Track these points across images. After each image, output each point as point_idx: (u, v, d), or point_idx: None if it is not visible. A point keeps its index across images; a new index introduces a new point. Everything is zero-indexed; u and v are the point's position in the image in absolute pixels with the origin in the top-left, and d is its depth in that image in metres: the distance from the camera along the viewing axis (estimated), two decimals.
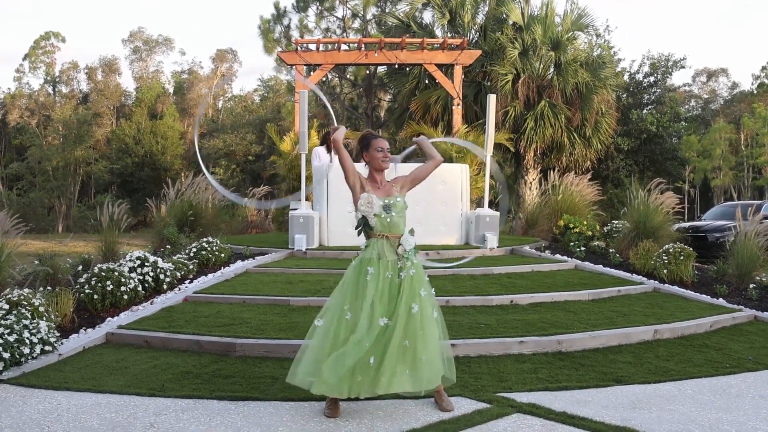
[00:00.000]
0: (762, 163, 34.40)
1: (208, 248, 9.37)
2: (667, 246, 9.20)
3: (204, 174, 3.95)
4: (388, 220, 4.44)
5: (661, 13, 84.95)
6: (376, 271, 4.36)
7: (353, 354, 4.17)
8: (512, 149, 18.88)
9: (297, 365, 4.38)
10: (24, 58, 47.62)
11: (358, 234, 4.58)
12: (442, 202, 10.88)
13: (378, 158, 4.62)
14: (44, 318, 6.09)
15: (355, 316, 4.28)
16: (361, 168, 4.71)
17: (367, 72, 27.54)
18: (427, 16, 22.97)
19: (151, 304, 7.32)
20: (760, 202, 16.25)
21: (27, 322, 5.59)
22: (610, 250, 10.49)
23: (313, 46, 16.83)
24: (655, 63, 32.00)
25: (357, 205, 4.51)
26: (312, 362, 4.30)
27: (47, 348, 5.58)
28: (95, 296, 7.02)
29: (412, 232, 4.55)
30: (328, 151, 12.55)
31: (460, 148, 14.35)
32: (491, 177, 11.38)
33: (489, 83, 20.62)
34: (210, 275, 8.68)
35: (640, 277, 9.01)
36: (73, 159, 40.58)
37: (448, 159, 14.10)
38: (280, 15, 28.12)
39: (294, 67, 16.36)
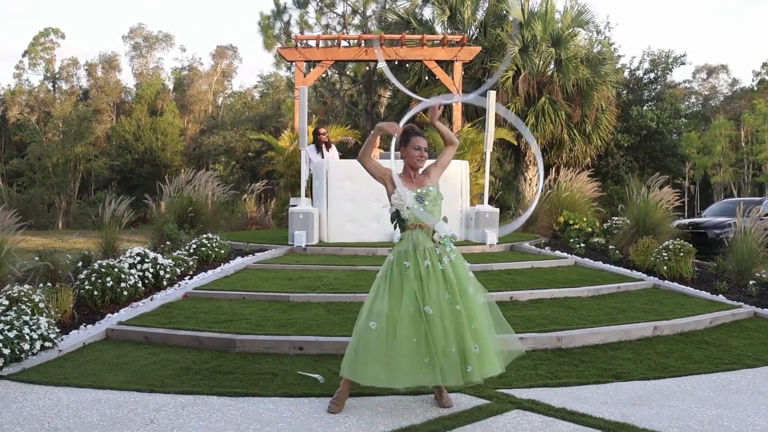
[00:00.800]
0: (762, 159, 34.40)
1: (208, 244, 9.37)
2: (666, 242, 9.20)
3: None
4: (422, 209, 4.43)
5: (662, 10, 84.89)
6: (413, 263, 4.37)
7: (413, 351, 4.22)
8: (514, 141, 18.86)
9: (361, 364, 4.33)
10: (23, 55, 47.60)
11: (395, 228, 4.59)
12: (442, 198, 10.85)
13: (414, 156, 4.59)
14: (44, 314, 6.09)
15: (403, 311, 4.29)
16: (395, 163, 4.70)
17: (367, 68, 27.50)
18: (427, 13, 22.93)
19: (151, 300, 7.32)
20: (760, 198, 16.25)
21: (27, 318, 5.60)
22: (610, 247, 10.49)
23: (313, 43, 16.81)
24: (655, 59, 31.99)
25: (390, 199, 4.53)
26: (383, 365, 4.27)
27: (47, 344, 5.59)
28: (95, 292, 7.02)
29: (445, 219, 4.55)
30: (318, 150, 12.58)
31: (463, 146, 14.33)
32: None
33: (489, 80, 20.60)
34: (210, 271, 8.67)
35: (640, 273, 9.01)
36: (73, 155, 40.56)
37: None
38: (279, 11, 28.05)
39: (294, 63, 16.35)
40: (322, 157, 12.17)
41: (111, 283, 7.09)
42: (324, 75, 28.05)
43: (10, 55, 74.11)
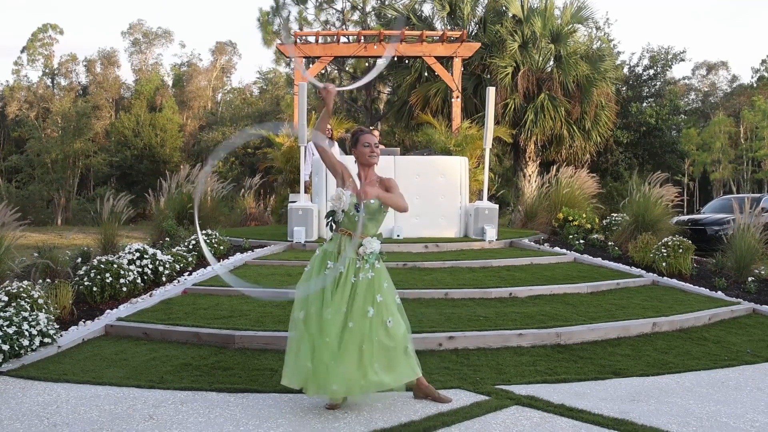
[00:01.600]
0: (761, 156, 34.38)
1: (207, 240, 9.36)
2: (666, 239, 9.20)
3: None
4: (356, 218, 4.32)
5: (661, 6, 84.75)
6: (333, 266, 4.32)
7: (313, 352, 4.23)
8: (509, 140, 18.86)
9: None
10: (22, 51, 47.50)
11: (326, 225, 4.52)
12: (442, 194, 10.87)
13: (365, 153, 4.51)
14: (43, 310, 6.09)
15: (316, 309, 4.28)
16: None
17: (367, 65, 27.47)
18: (427, 9, 23.00)
19: (150, 296, 7.32)
20: (759, 195, 16.25)
21: (26, 314, 5.60)
22: (609, 243, 10.49)
23: (312, 39, 16.79)
24: (654, 56, 31.97)
25: (330, 201, 4.48)
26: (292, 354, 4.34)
27: (46, 340, 5.59)
28: (94, 288, 7.02)
29: (380, 237, 4.48)
30: None
31: (458, 141, 14.34)
32: None
33: (488, 76, 20.59)
34: (209, 267, 8.68)
35: (639, 270, 9.02)
36: (72, 152, 40.50)
37: (446, 152, 14.09)
38: (279, 7, 28.02)
39: (293, 58, 16.32)
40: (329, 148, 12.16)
41: (110, 279, 7.09)
42: (323, 71, 28.02)
43: (9, 50, 74.04)
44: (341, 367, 4.13)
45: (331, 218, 4.46)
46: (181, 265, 8.51)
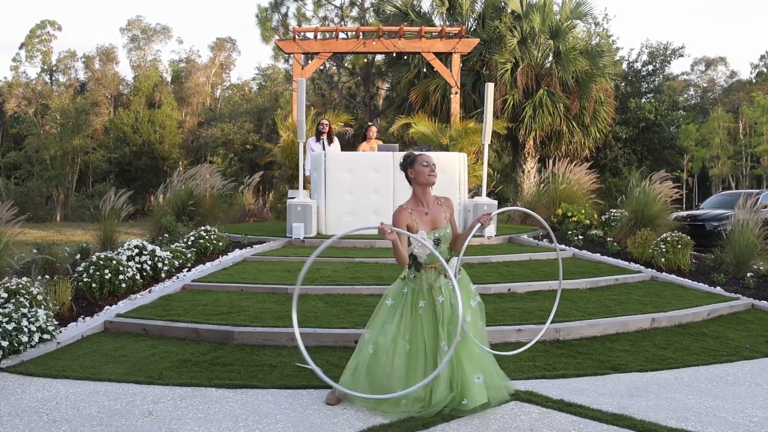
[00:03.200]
0: (760, 152, 34.40)
1: (206, 237, 9.36)
2: (665, 235, 9.20)
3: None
4: (437, 251, 4.21)
5: (660, 2, 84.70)
6: (428, 303, 4.30)
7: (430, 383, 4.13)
8: (504, 132, 18.85)
9: (357, 381, 4.32)
10: (20, 47, 47.54)
11: (409, 273, 4.43)
12: (440, 190, 10.73)
13: (425, 173, 4.49)
14: (42, 306, 6.09)
15: (414, 346, 4.24)
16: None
17: (365, 60, 27.45)
18: (426, 4, 22.99)
19: (150, 292, 7.32)
20: (758, 191, 16.25)
21: (25, 310, 5.59)
22: (608, 239, 10.50)
23: (311, 35, 16.76)
24: (653, 51, 31.97)
25: (410, 247, 4.35)
26: (369, 385, 4.27)
27: (45, 336, 5.59)
28: (93, 285, 7.01)
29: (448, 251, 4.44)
30: (318, 139, 12.58)
31: (455, 137, 14.33)
32: None
33: (488, 72, 20.58)
34: (208, 264, 8.68)
35: (638, 265, 9.02)
36: (71, 148, 40.51)
37: (443, 147, 14.08)
38: (277, 3, 27.99)
39: (292, 55, 16.31)
40: (323, 149, 12.16)
41: (109, 275, 7.08)
42: (322, 67, 28.00)
43: (7, 47, 74.01)
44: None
45: (412, 260, 4.38)
46: (180, 261, 8.51)
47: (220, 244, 9.47)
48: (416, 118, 16.54)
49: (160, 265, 7.89)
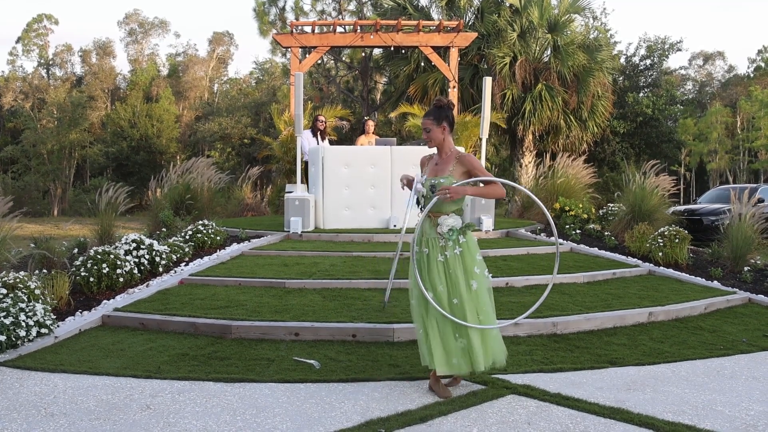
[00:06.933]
0: (758, 146, 34.45)
1: (204, 231, 9.35)
2: (662, 229, 9.21)
3: None
4: (433, 200, 4.38)
5: None
6: (419, 249, 4.48)
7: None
8: (503, 125, 18.85)
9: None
10: (17, 41, 47.35)
11: (418, 214, 4.64)
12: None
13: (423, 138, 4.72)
14: (40, 301, 6.09)
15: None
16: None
17: (363, 54, 27.40)
18: None
19: (147, 286, 7.32)
20: (755, 185, 16.27)
21: (23, 304, 5.59)
22: (606, 233, 10.50)
23: (308, 29, 16.73)
24: (651, 46, 31.97)
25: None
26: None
27: (43, 330, 5.58)
28: (91, 279, 7.01)
29: (459, 212, 4.52)
30: (314, 134, 12.58)
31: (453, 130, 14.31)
32: None
33: (486, 66, 20.56)
34: (206, 258, 8.67)
35: (635, 259, 9.02)
36: (68, 142, 40.43)
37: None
38: None
39: (290, 49, 16.27)
40: (318, 143, 12.15)
41: (107, 269, 7.08)
42: (320, 61, 27.96)
43: (4, 41, 73.71)
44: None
45: (420, 206, 4.60)
46: (178, 255, 8.50)
47: (218, 238, 9.46)
48: (416, 107, 16.49)
49: (157, 259, 7.88)
